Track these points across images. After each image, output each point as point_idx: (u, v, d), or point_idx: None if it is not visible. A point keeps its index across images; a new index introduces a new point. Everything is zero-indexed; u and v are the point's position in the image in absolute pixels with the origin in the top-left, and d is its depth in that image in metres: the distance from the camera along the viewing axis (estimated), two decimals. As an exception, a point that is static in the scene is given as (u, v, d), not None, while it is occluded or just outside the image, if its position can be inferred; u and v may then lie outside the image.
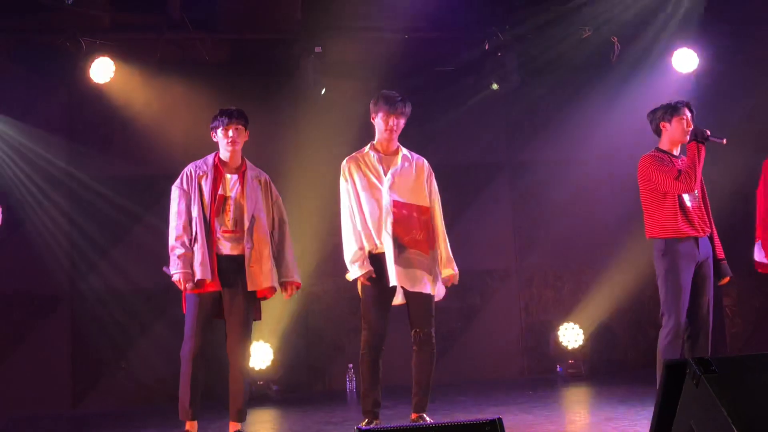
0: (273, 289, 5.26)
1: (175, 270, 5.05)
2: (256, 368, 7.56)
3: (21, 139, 7.59)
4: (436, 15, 7.56)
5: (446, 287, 5.27)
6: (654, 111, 5.51)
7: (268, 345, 7.73)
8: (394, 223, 5.07)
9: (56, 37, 7.31)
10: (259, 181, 5.31)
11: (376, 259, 5.08)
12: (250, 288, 5.14)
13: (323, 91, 7.85)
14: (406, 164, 5.25)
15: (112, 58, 7.46)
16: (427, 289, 5.11)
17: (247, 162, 5.33)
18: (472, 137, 8.50)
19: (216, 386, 5.27)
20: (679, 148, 5.46)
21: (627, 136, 7.60)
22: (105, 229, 7.75)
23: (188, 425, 5.12)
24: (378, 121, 5.25)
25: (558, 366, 8.36)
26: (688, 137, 5.33)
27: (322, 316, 8.22)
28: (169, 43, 7.74)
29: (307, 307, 8.20)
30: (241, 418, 5.20)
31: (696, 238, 5.28)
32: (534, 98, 8.49)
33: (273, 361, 7.75)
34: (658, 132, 5.49)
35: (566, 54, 8.00)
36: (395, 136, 5.25)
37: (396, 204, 5.11)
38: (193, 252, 5.05)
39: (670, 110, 5.42)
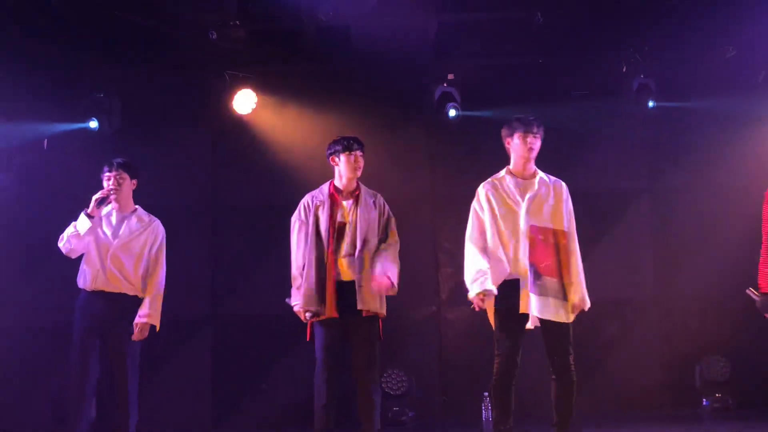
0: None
1: (296, 301, 5.21)
2: (392, 393, 7.61)
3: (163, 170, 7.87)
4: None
5: (574, 314, 5.13)
6: None
7: (402, 372, 7.74)
8: (531, 249, 4.99)
9: (197, 73, 7.71)
10: (374, 202, 5.38)
11: (510, 286, 5.02)
12: (360, 307, 5.18)
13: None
14: (544, 188, 5.17)
15: (253, 90, 7.75)
16: (561, 317, 5.00)
17: (362, 185, 5.40)
18: (610, 162, 8.31)
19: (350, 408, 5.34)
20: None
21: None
22: (245, 255, 7.99)
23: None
24: (514, 143, 5.19)
25: (704, 399, 7.99)
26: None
27: (456, 342, 8.15)
28: (303, 75, 7.97)
29: (440, 333, 8.16)
30: None
31: None
32: (684, 122, 8.22)
33: (407, 388, 7.76)
34: None
35: (703, 78, 7.86)
36: (532, 156, 5.17)
37: (533, 229, 5.03)
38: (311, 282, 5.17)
39: None
